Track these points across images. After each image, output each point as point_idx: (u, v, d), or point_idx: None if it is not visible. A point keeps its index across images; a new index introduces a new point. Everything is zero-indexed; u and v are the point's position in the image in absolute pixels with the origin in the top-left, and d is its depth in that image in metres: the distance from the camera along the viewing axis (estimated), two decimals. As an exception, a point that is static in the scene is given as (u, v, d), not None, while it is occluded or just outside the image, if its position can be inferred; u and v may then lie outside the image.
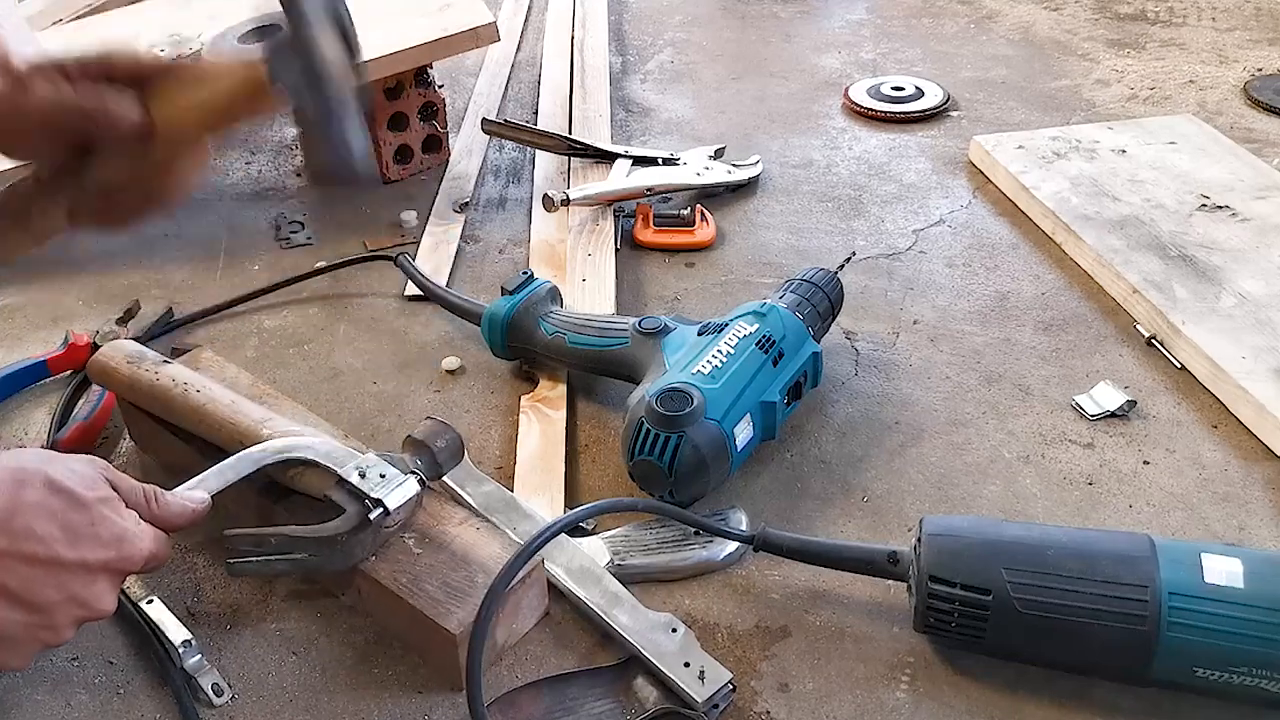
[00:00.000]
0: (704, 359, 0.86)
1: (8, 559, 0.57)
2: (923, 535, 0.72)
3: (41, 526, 0.59)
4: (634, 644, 0.72)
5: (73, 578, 0.60)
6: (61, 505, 0.60)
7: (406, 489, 0.73)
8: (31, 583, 0.58)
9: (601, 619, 0.74)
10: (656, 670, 0.71)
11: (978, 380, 0.99)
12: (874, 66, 1.63)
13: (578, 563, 0.78)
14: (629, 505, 0.81)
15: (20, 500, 0.58)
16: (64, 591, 0.60)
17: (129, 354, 0.85)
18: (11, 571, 0.58)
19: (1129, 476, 0.88)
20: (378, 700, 0.71)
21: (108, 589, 0.62)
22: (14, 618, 0.58)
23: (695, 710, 0.69)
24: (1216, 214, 1.18)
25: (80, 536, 0.60)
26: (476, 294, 1.09)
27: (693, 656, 0.71)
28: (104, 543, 0.61)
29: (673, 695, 0.70)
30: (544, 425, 0.93)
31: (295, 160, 1.38)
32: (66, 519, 0.60)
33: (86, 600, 0.61)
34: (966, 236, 1.21)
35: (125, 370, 0.84)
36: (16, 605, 0.58)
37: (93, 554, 0.60)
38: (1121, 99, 1.52)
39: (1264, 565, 0.67)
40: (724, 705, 0.70)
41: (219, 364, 0.91)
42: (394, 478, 0.73)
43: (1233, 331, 0.99)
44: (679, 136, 1.44)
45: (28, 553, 0.58)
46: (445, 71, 1.51)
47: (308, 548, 0.70)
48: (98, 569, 0.61)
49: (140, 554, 0.63)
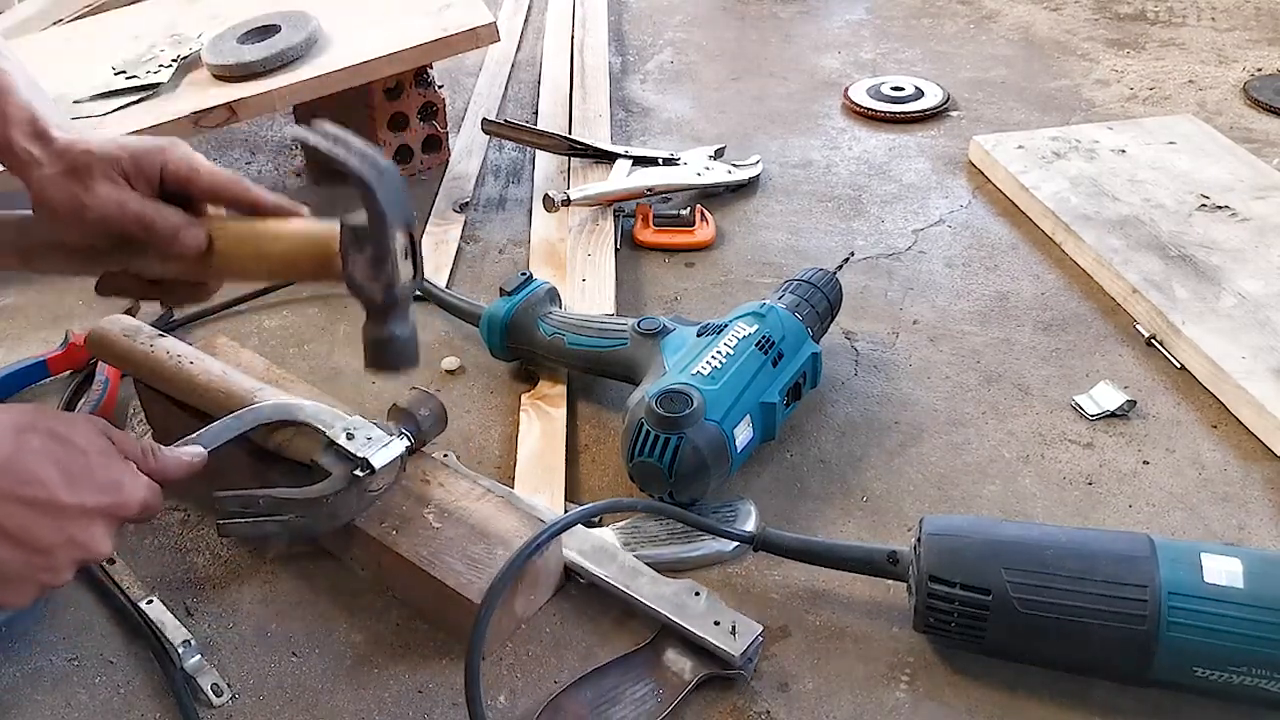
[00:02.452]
0: (703, 360, 0.86)
1: (8, 502, 0.60)
2: (922, 535, 0.72)
3: (42, 471, 0.61)
4: (662, 611, 0.73)
5: (71, 521, 0.62)
6: (61, 452, 0.62)
7: (392, 449, 0.76)
8: (31, 525, 0.61)
9: (624, 593, 0.75)
10: (688, 634, 0.72)
11: (977, 380, 1.00)
12: (874, 66, 1.63)
13: (590, 544, 0.79)
14: (629, 505, 0.81)
15: (22, 445, 0.61)
16: (63, 534, 0.62)
17: (125, 328, 0.87)
18: (11, 514, 0.60)
19: (1129, 476, 0.88)
20: (378, 700, 0.71)
21: (104, 533, 0.64)
22: (15, 558, 0.61)
23: (733, 667, 0.71)
24: (1216, 214, 1.18)
25: (79, 481, 0.62)
26: (476, 294, 1.09)
27: (721, 615, 0.73)
28: (101, 488, 0.64)
29: (706, 658, 0.71)
30: (544, 423, 0.93)
31: (295, 160, 1.38)
32: (66, 464, 0.62)
33: (84, 543, 0.63)
34: (966, 236, 1.21)
35: (122, 343, 0.86)
36: (17, 546, 0.61)
37: (91, 498, 0.63)
38: (1121, 99, 1.52)
39: (1264, 565, 0.67)
40: (755, 657, 0.72)
41: (234, 349, 0.93)
42: (380, 439, 0.76)
43: (1232, 331, 0.99)
44: (679, 136, 1.44)
45: (28, 496, 0.60)
46: (445, 71, 1.51)
47: (295, 509, 0.72)
48: (95, 513, 0.63)
49: (135, 500, 0.66)
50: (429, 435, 0.81)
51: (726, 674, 0.71)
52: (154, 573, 0.80)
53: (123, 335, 0.86)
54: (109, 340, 0.86)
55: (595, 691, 0.71)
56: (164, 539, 0.83)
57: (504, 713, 0.70)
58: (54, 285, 1.13)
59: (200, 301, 0.79)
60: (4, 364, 0.99)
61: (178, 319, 1.07)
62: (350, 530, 0.77)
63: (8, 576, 0.61)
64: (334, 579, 0.80)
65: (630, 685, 0.71)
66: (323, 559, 0.81)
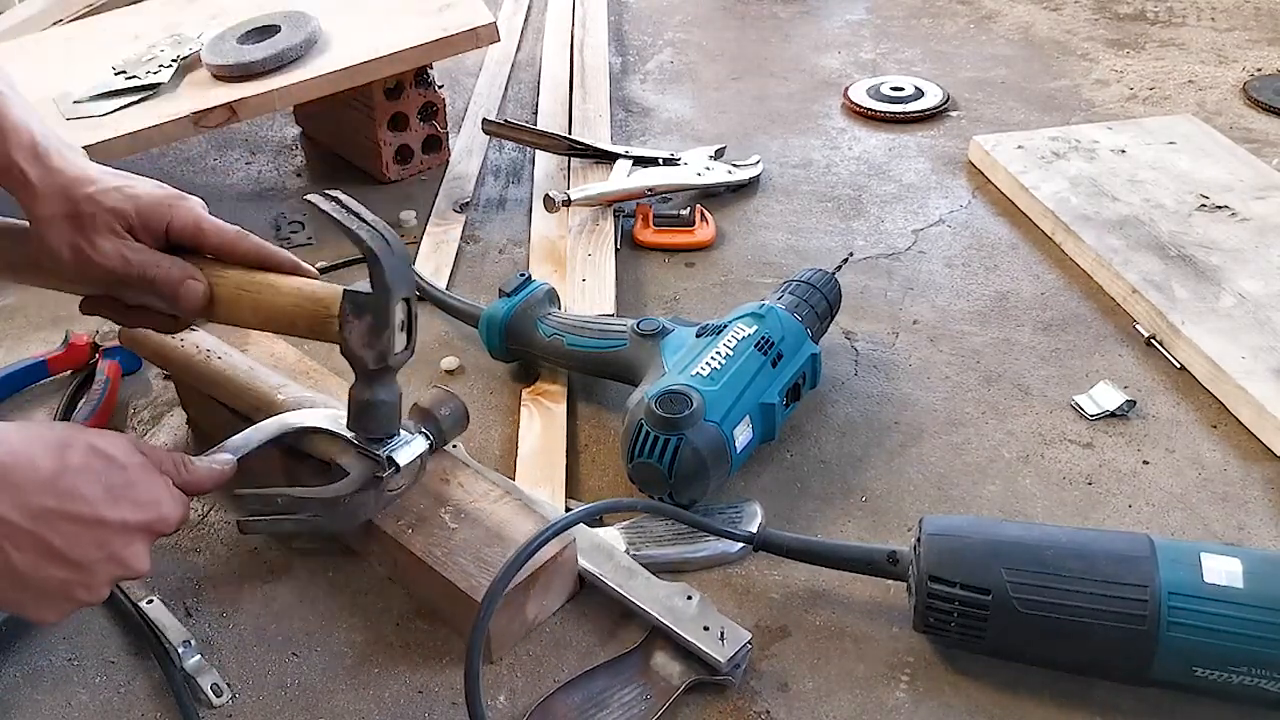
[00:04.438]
0: (703, 361, 0.86)
1: (55, 518, 0.60)
2: (922, 535, 0.72)
3: (86, 487, 0.61)
4: (653, 613, 0.73)
5: (114, 537, 0.62)
6: (103, 468, 0.62)
7: (415, 447, 0.76)
8: (75, 541, 0.60)
9: (618, 592, 0.75)
10: (677, 637, 0.72)
11: (977, 380, 1.00)
12: (874, 66, 1.63)
13: (589, 541, 0.79)
14: (629, 505, 0.81)
15: (66, 463, 0.61)
16: (104, 550, 0.62)
17: None
18: (57, 530, 0.60)
19: (1128, 476, 0.88)
20: (378, 700, 0.71)
21: (143, 549, 0.64)
22: (56, 574, 0.60)
23: (720, 673, 0.70)
24: (1216, 214, 1.18)
25: (121, 498, 0.62)
26: (477, 294, 1.09)
27: (711, 620, 0.73)
28: (142, 504, 0.64)
29: (694, 663, 0.71)
30: (545, 418, 0.93)
31: (295, 160, 1.38)
32: (109, 481, 0.62)
33: (125, 559, 0.63)
34: (966, 236, 1.21)
35: (155, 337, 0.87)
36: (60, 563, 0.60)
37: (133, 515, 0.63)
38: (1121, 99, 1.52)
39: (1263, 565, 0.67)
40: (744, 664, 0.72)
41: (268, 339, 0.93)
42: (403, 437, 0.76)
43: (1232, 331, 0.99)
44: (679, 136, 1.44)
45: (73, 512, 0.60)
46: (445, 71, 1.51)
47: (313, 508, 0.73)
48: (136, 529, 0.63)
49: (175, 517, 0.66)
50: (450, 435, 0.81)
51: (714, 680, 0.71)
52: (154, 573, 0.80)
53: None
54: (141, 338, 0.89)
55: (584, 695, 0.71)
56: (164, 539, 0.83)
57: (504, 713, 0.70)
58: (54, 285, 1.13)
59: (179, 331, 0.80)
60: (4, 364, 0.99)
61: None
62: (370, 527, 0.77)
63: (46, 593, 0.61)
64: (334, 579, 0.80)
65: (620, 689, 0.71)
66: (323, 559, 0.81)
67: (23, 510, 0.58)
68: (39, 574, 0.59)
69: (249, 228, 0.76)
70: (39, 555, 0.59)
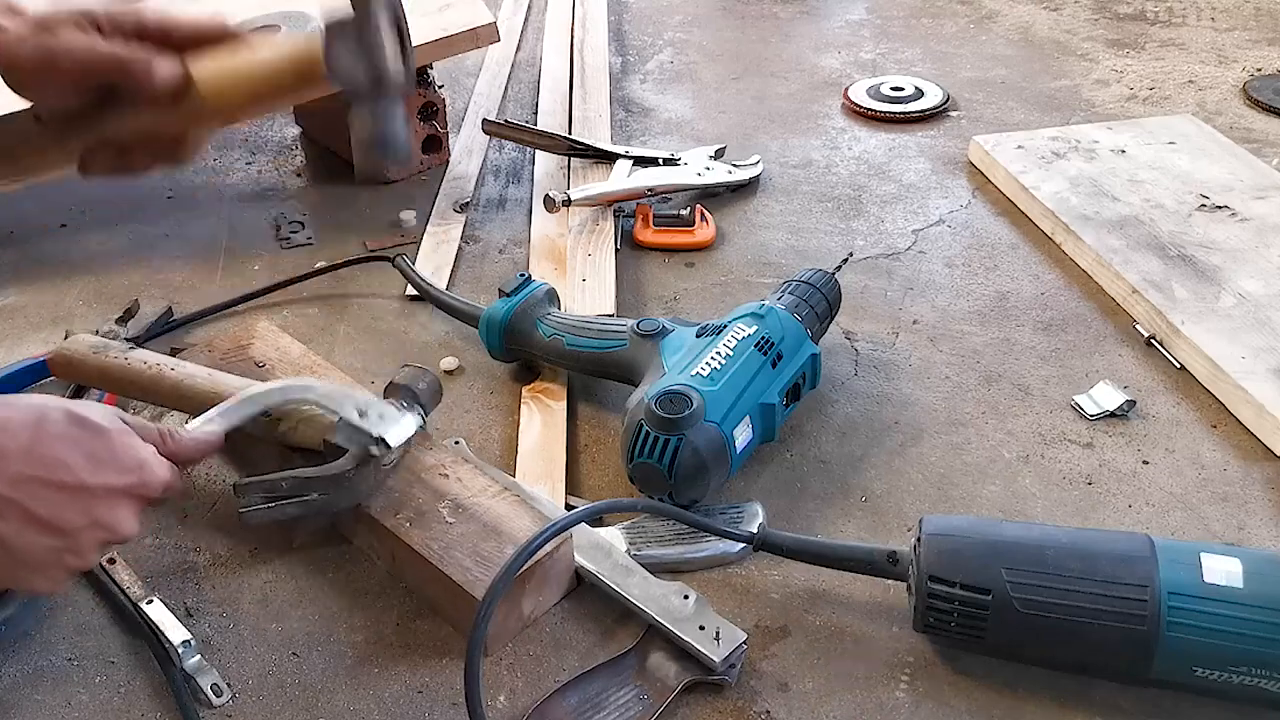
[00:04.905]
0: (703, 361, 0.86)
1: (36, 485, 0.60)
2: (922, 535, 0.72)
3: (66, 454, 0.61)
4: (649, 612, 0.73)
5: (97, 502, 0.62)
6: (83, 434, 0.62)
7: (406, 425, 0.77)
8: (58, 508, 0.61)
9: (615, 590, 0.75)
10: (674, 636, 0.72)
11: (977, 380, 1.00)
12: (874, 66, 1.63)
13: (587, 539, 0.79)
14: (629, 506, 0.81)
15: (44, 431, 0.61)
16: (89, 515, 0.62)
17: (92, 345, 0.87)
18: (39, 498, 0.60)
19: (1128, 476, 0.88)
20: (378, 700, 0.71)
21: (130, 514, 0.64)
22: (43, 542, 0.61)
23: (715, 673, 0.70)
24: (1216, 214, 1.18)
25: (102, 462, 0.63)
26: (477, 294, 1.09)
27: (707, 620, 0.73)
28: (125, 468, 0.64)
29: (690, 663, 0.71)
30: (545, 415, 0.93)
31: (296, 160, 1.38)
32: (89, 446, 0.62)
33: (110, 524, 0.63)
34: (966, 236, 1.21)
35: (93, 360, 0.85)
36: (45, 530, 0.61)
37: (116, 479, 0.63)
38: (1121, 99, 1.52)
39: (1263, 565, 0.67)
40: (739, 664, 0.72)
41: (273, 333, 0.93)
42: (393, 416, 0.77)
43: (1232, 331, 0.99)
44: (679, 136, 1.44)
45: (54, 479, 0.61)
46: (445, 71, 1.51)
47: (319, 486, 0.74)
48: (120, 493, 0.63)
49: (159, 480, 0.66)
50: (428, 410, 0.83)
51: (709, 680, 0.71)
52: (154, 573, 0.80)
53: (92, 352, 0.85)
54: (77, 360, 0.85)
55: (580, 697, 0.70)
56: (164, 539, 0.83)
57: (504, 713, 0.70)
58: (54, 285, 1.13)
59: (184, 161, 0.75)
60: (4, 364, 0.99)
61: (176, 319, 1.06)
62: (369, 521, 0.78)
63: (36, 562, 0.61)
64: (334, 579, 0.80)
65: (616, 690, 0.71)
66: (323, 558, 0.81)
67: (2, 479, 0.59)
68: (25, 542, 0.60)
69: (249, 228, 0.76)
70: (24, 523, 0.60)
